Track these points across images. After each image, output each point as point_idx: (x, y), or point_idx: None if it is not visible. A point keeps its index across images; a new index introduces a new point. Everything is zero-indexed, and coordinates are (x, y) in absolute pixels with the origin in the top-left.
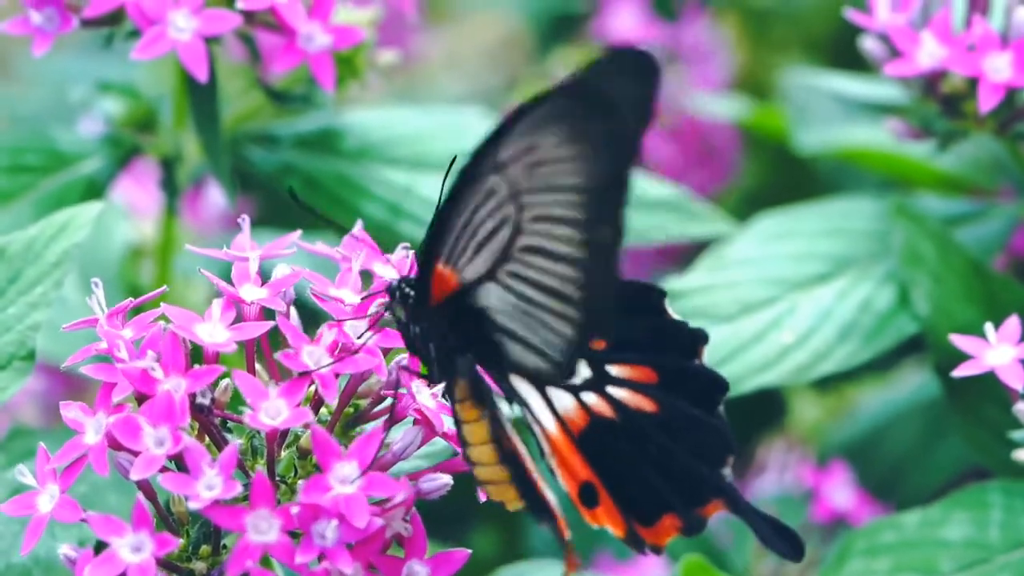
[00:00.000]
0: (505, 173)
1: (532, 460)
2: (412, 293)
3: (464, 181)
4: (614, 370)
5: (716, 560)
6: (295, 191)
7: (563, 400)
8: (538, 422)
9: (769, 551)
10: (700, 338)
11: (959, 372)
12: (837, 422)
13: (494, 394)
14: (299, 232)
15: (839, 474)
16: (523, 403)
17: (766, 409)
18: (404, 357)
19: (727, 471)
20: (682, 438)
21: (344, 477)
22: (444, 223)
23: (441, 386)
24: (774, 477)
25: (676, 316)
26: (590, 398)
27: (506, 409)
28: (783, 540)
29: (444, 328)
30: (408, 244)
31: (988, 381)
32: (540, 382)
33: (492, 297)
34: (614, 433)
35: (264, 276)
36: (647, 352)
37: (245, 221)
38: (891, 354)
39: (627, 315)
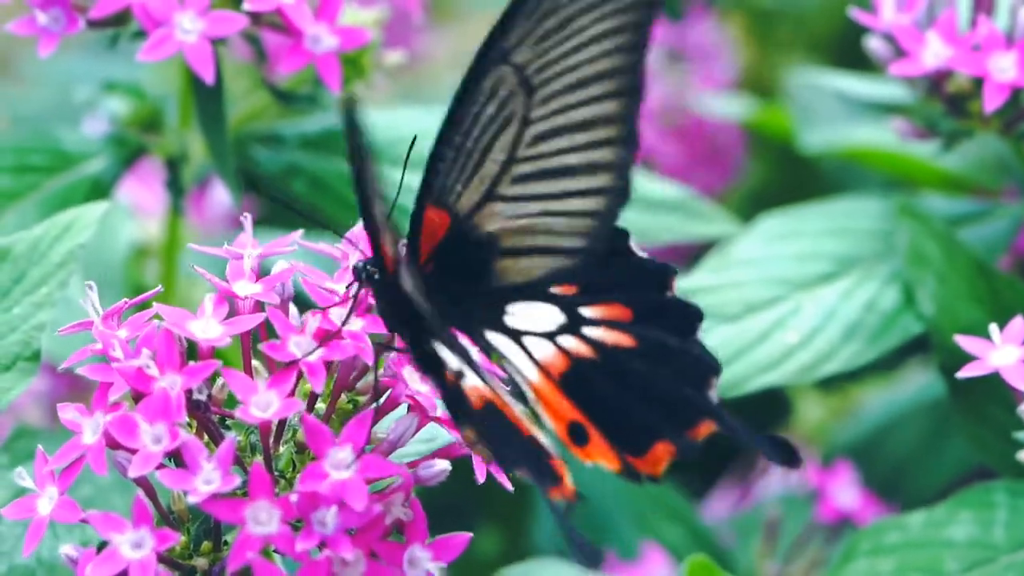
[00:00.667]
0: (512, 59)
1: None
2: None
3: (463, 90)
4: (587, 311)
5: (720, 560)
6: (290, 191)
7: (541, 348)
8: (519, 372)
9: (769, 461)
10: (669, 271)
11: (964, 373)
12: (841, 422)
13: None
14: (301, 231)
15: (844, 474)
16: (501, 356)
17: (770, 409)
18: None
19: (713, 393)
20: (664, 366)
21: (339, 462)
22: (437, 157)
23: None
24: (778, 477)
25: (642, 254)
26: (567, 341)
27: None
28: (778, 450)
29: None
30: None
31: (992, 382)
32: (553, 288)
33: (497, 219)
34: (596, 371)
35: (265, 274)
36: (618, 292)
37: (247, 219)
38: (895, 354)
39: (592, 258)
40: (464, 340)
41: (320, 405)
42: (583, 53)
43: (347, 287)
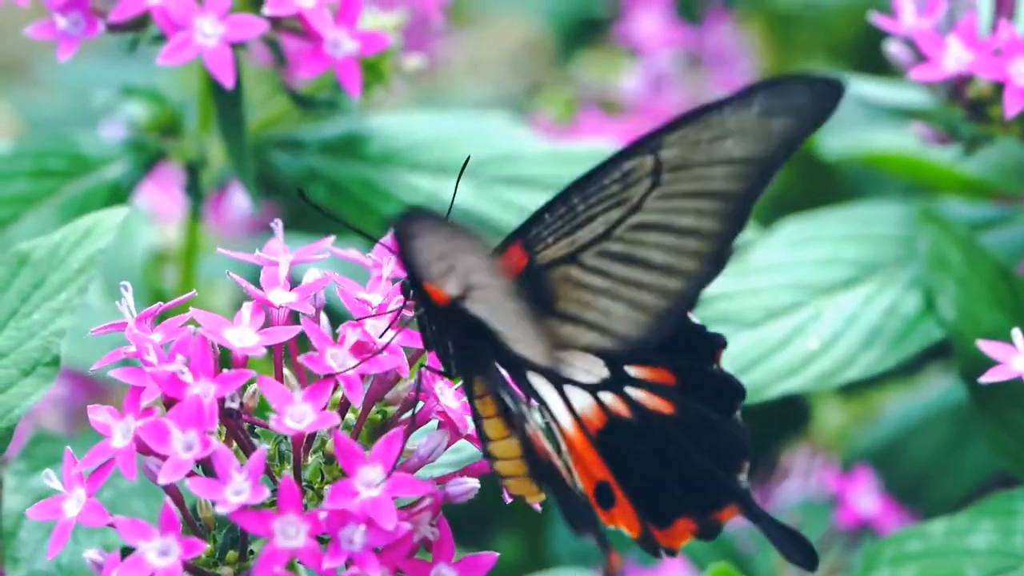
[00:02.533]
0: (661, 153)
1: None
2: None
3: (608, 165)
4: (632, 371)
5: (741, 567)
6: (310, 195)
7: (581, 399)
8: (555, 420)
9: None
10: (718, 343)
11: (986, 378)
12: (862, 428)
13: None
14: (332, 238)
15: (864, 480)
16: (541, 400)
17: (790, 415)
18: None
19: (743, 477)
20: (698, 441)
21: (369, 481)
22: (550, 207)
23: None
24: (798, 483)
25: (695, 320)
26: (607, 398)
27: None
28: (797, 549)
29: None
30: None
31: (1015, 387)
32: (560, 376)
33: (565, 281)
34: (631, 433)
35: (294, 282)
36: (665, 354)
37: (278, 225)
38: (916, 359)
39: None
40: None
41: (350, 416)
42: (714, 169)
43: (385, 299)
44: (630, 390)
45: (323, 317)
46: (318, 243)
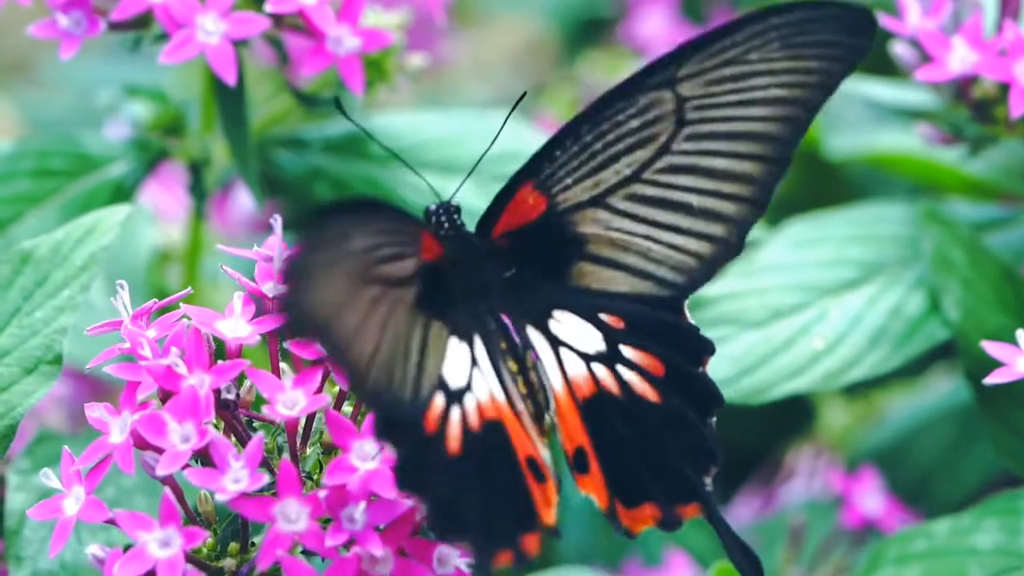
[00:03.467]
0: (678, 88)
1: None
2: (456, 221)
3: (614, 96)
4: (627, 351)
5: None
6: (314, 194)
7: (575, 364)
8: (547, 379)
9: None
10: (707, 348)
11: (991, 379)
12: (866, 428)
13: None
14: None
15: (869, 480)
16: (536, 354)
17: (794, 415)
18: None
19: (709, 481)
20: (675, 436)
21: (365, 454)
22: (557, 143)
23: None
24: (803, 483)
25: (691, 320)
26: (600, 370)
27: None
28: (749, 563)
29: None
30: None
31: (1019, 388)
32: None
33: (595, 224)
34: (616, 410)
35: None
36: (660, 344)
37: (277, 221)
38: (920, 360)
39: (649, 305)
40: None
41: (347, 408)
42: (748, 109)
43: None
44: (622, 368)
45: None
46: None
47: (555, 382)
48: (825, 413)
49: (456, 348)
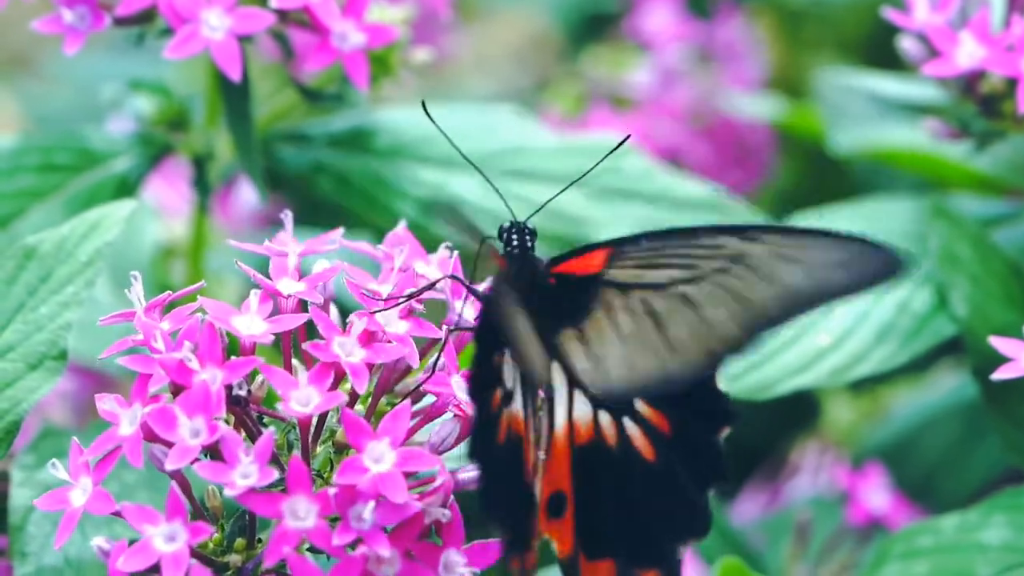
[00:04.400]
0: (750, 245)
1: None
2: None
3: (703, 230)
4: (639, 405)
5: (751, 563)
6: (317, 189)
7: (582, 407)
8: (553, 414)
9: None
10: (729, 419)
11: (998, 375)
12: (872, 424)
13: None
14: (341, 230)
15: (874, 477)
16: (550, 390)
17: (799, 411)
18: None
19: (682, 551)
20: (660, 500)
21: (378, 456)
22: (644, 237)
23: None
24: (808, 479)
25: (721, 386)
26: (604, 418)
27: None
28: None
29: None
30: (450, 244)
31: None
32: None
33: (606, 301)
34: (606, 462)
35: (303, 274)
36: (675, 405)
37: (288, 217)
38: (925, 356)
39: None
40: None
41: (359, 408)
42: (776, 283)
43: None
44: (628, 422)
45: (333, 308)
46: (327, 234)
47: (559, 420)
48: (831, 409)
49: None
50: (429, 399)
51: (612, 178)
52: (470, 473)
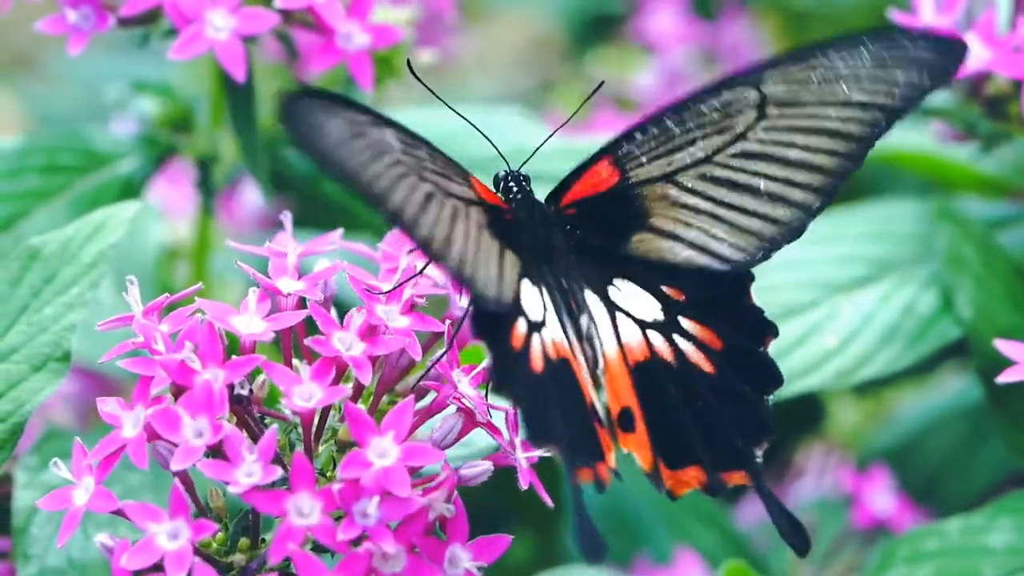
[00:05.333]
0: (763, 86)
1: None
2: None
3: (702, 90)
4: (685, 322)
5: (755, 565)
6: (321, 190)
7: (630, 330)
8: (600, 340)
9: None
10: (771, 329)
11: (1003, 377)
12: (877, 426)
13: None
14: (340, 231)
15: (879, 479)
16: (591, 317)
17: (804, 413)
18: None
19: (759, 453)
20: (728, 407)
21: (382, 451)
22: (641, 126)
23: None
24: (813, 481)
25: (756, 302)
26: (656, 338)
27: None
28: (795, 531)
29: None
30: None
31: None
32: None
33: (662, 198)
34: (668, 375)
35: (304, 274)
36: (720, 320)
37: (287, 217)
38: (931, 358)
39: (711, 281)
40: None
41: (361, 406)
42: (829, 109)
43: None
44: (678, 338)
45: (332, 309)
46: (326, 235)
47: (608, 345)
48: (836, 411)
49: (529, 290)
50: (432, 396)
51: None
52: (473, 468)
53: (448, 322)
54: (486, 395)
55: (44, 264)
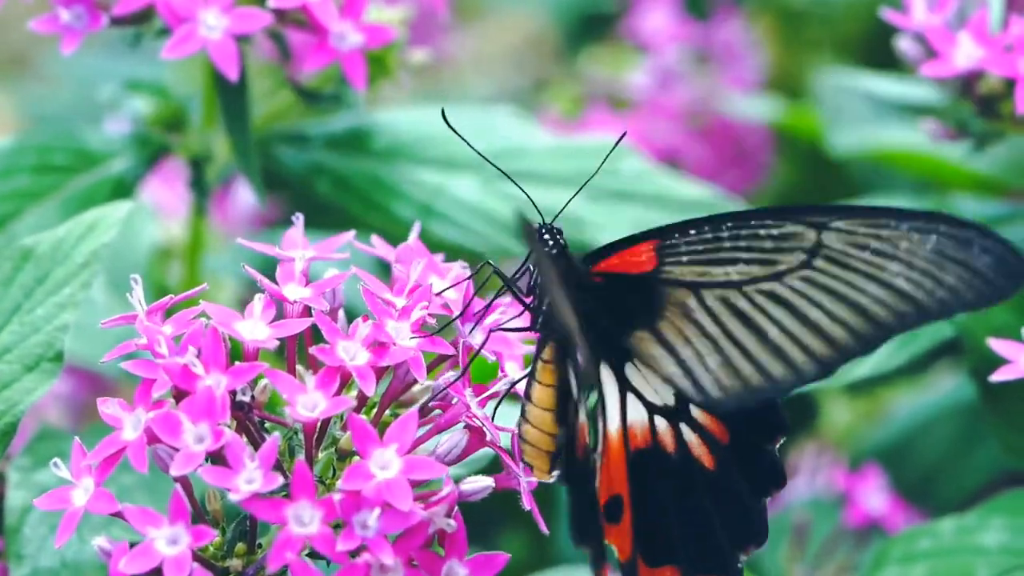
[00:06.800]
0: (824, 238)
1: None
2: (563, 244)
3: (767, 213)
4: (696, 412)
5: (749, 564)
6: (315, 190)
7: (636, 412)
8: (604, 417)
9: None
10: (782, 427)
11: (997, 376)
12: (870, 426)
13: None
14: (353, 233)
15: (872, 479)
16: (600, 393)
17: (797, 412)
18: (451, 372)
19: (743, 559)
20: (721, 508)
21: (385, 463)
22: (696, 223)
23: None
24: (806, 481)
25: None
26: (661, 424)
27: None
28: None
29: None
30: (466, 264)
31: None
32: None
33: (682, 305)
34: (665, 468)
35: (310, 279)
36: (731, 412)
37: (299, 219)
38: (924, 357)
39: None
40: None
41: (364, 416)
42: (869, 284)
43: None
44: (685, 428)
45: (341, 315)
46: (337, 238)
47: (612, 424)
48: (828, 410)
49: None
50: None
51: (610, 179)
52: (474, 484)
53: (461, 342)
54: (493, 416)
55: (36, 264)
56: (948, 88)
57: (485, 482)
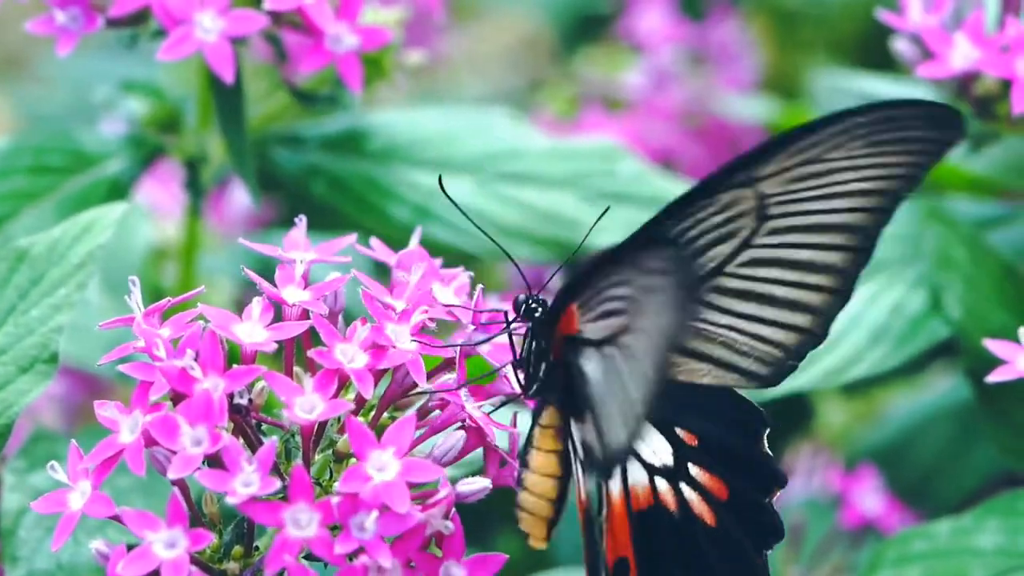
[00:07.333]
0: (759, 187)
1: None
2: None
3: (695, 195)
4: (694, 470)
5: None
6: (310, 191)
7: (637, 474)
8: (607, 482)
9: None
10: (778, 480)
11: (993, 377)
12: (865, 427)
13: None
14: (354, 236)
15: (868, 480)
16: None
17: (793, 413)
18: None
19: None
20: (724, 562)
21: (382, 465)
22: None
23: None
24: (801, 482)
25: (767, 450)
26: (662, 484)
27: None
28: None
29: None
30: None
31: (1021, 386)
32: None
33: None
34: (668, 528)
35: (310, 282)
36: (729, 468)
37: (302, 221)
38: (920, 358)
39: (725, 425)
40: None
41: (361, 419)
42: (831, 203)
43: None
44: (684, 487)
45: (340, 321)
46: (339, 240)
47: (614, 488)
48: (824, 411)
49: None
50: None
51: (605, 181)
52: (471, 486)
53: (458, 343)
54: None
55: (31, 265)
56: (944, 89)
57: (482, 483)
